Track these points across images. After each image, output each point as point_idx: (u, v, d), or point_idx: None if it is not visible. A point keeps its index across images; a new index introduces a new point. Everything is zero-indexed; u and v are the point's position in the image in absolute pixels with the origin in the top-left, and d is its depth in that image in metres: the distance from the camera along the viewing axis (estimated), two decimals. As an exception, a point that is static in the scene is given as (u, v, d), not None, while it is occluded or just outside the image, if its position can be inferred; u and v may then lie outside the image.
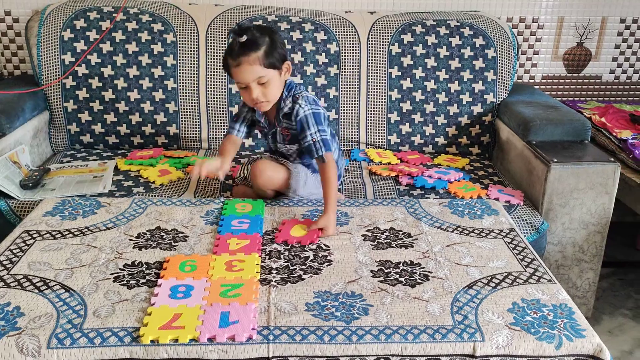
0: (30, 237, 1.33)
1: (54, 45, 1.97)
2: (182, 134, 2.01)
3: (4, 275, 1.18)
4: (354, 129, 2.05)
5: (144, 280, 1.18)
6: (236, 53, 1.36)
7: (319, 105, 1.50)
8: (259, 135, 1.82)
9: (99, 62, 1.97)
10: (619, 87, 2.38)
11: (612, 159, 1.67)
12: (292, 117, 1.48)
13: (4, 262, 1.22)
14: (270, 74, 1.39)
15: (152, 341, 1.00)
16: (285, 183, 1.54)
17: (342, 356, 1.01)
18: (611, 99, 2.39)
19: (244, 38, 1.35)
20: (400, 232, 1.40)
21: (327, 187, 1.44)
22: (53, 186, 1.65)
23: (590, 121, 1.98)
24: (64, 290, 1.13)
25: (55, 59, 1.97)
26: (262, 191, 1.55)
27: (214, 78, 2.00)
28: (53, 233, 1.35)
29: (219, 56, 2.00)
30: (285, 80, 1.48)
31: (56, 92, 1.98)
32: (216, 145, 2.02)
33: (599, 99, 2.38)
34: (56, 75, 1.97)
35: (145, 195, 1.64)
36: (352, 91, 2.04)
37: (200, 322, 1.04)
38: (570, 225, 1.68)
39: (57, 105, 1.98)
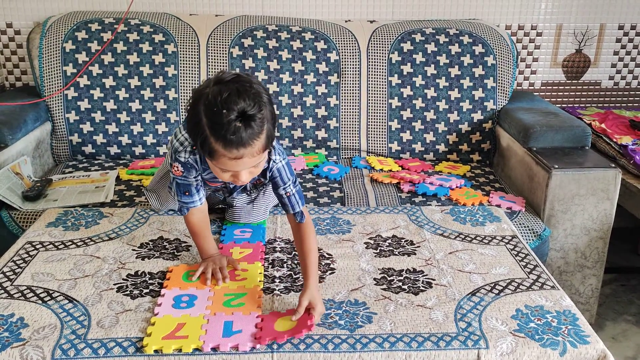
0: (33, 248, 1.33)
1: (56, 57, 1.98)
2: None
3: (7, 287, 1.18)
4: (355, 136, 2.06)
5: (148, 291, 1.18)
6: (236, 145, 1.02)
7: (277, 141, 1.26)
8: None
9: (100, 73, 1.98)
10: (618, 93, 2.39)
11: (613, 165, 1.67)
12: (265, 172, 1.22)
13: (7, 273, 1.22)
14: (265, 154, 1.11)
15: (155, 351, 1.00)
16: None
17: (347, 365, 1.01)
18: (611, 105, 2.39)
19: (248, 126, 1.01)
20: (403, 240, 1.40)
21: (308, 255, 1.18)
22: (55, 197, 1.65)
23: (591, 127, 1.98)
24: (67, 301, 1.13)
25: (56, 70, 1.98)
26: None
27: (215, 88, 2.01)
28: (56, 244, 1.35)
29: (220, 66, 2.01)
30: None
31: (58, 103, 1.99)
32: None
33: (599, 105, 2.39)
34: (58, 87, 1.98)
35: (148, 205, 1.64)
36: (353, 99, 2.04)
37: (204, 331, 1.04)
38: (572, 232, 1.68)
39: (58, 116, 1.99)
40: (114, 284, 1.20)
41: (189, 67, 2.00)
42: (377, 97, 2.05)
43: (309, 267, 1.16)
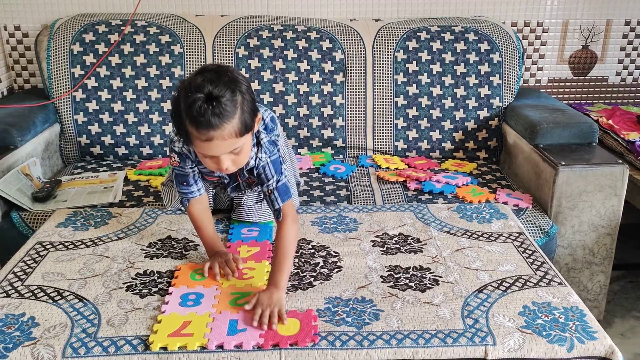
0: (43, 249, 1.34)
1: (64, 59, 2.00)
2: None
3: (18, 286, 1.19)
4: (361, 135, 2.06)
5: (156, 289, 1.19)
6: (205, 125, 1.05)
7: (275, 144, 1.27)
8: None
9: (108, 74, 2.00)
10: (626, 89, 2.38)
11: (620, 161, 1.66)
12: (253, 170, 1.26)
13: (18, 273, 1.24)
14: (245, 140, 1.12)
15: (161, 348, 1.01)
16: None
17: (354, 361, 1.01)
18: (618, 101, 2.38)
19: (214, 106, 1.04)
20: (410, 238, 1.40)
21: (277, 256, 1.18)
22: (64, 197, 1.66)
23: (598, 123, 1.97)
24: (77, 300, 1.15)
25: (65, 72, 2.00)
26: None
27: (221, 88, 2.01)
28: (66, 244, 1.37)
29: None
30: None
31: (66, 104, 2.00)
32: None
33: (606, 101, 2.38)
34: (66, 88, 2.00)
35: (156, 204, 1.65)
36: (359, 98, 2.05)
37: (209, 329, 1.05)
38: (579, 228, 1.68)
39: (67, 117, 2.01)
40: (123, 283, 1.21)
41: (196, 67, 2.01)
42: (383, 95, 2.05)
43: (274, 270, 1.16)
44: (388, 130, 2.06)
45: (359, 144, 2.07)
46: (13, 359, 0.99)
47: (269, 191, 1.24)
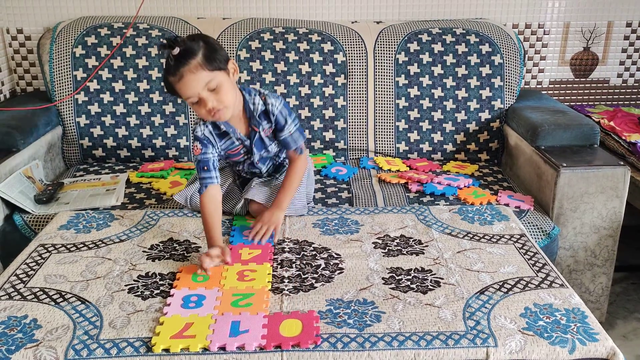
0: (45, 251, 1.35)
1: (66, 62, 2.01)
2: (192, 146, 2.04)
3: (20, 289, 1.20)
4: (363, 137, 2.06)
5: (158, 291, 1.19)
6: (174, 67, 1.24)
7: (277, 94, 1.47)
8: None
9: (110, 77, 2.01)
10: (627, 90, 2.38)
11: (622, 163, 1.66)
12: (269, 115, 1.43)
13: (21, 276, 1.24)
14: (219, 77, 1.28)
15: (163, 350, 1.01)
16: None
17: (356, 363, 1.01)
18: (619, 102, 2.38)
19: (177, 50, 1.24)
20: (411, 239, 1.41)
21: (290, 180, 1.46)
22: (67, 200, 1.67)
23: (599, 125, 1.98)
24: (79, 302, 1.15)
25: (67, 75, 2.01)
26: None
27: (223, 90, 2.02)
28: (68, 246, 1.37)
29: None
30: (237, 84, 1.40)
31: (68, 107, 2.01)
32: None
33: (607, 103, 2.38)
34: (68, 91, 2.01)
35: (157, 207, 1.66)
36: (360, 100, 2.05)
37: (211, 331, 1.05)
38: (581, 230, 1.68)
39: (69, 120, 2.01)
40: (125, 285, 1.21)
41: (197, 70, 2.02)
42: (384, 97, 2.05)
43: (281, 192, 1.45)
44: (389, 132, 2.06)
45: (360, 146, 2.07)
46: (15, 361, 0.99)
47: (290, 133, 1.45)
